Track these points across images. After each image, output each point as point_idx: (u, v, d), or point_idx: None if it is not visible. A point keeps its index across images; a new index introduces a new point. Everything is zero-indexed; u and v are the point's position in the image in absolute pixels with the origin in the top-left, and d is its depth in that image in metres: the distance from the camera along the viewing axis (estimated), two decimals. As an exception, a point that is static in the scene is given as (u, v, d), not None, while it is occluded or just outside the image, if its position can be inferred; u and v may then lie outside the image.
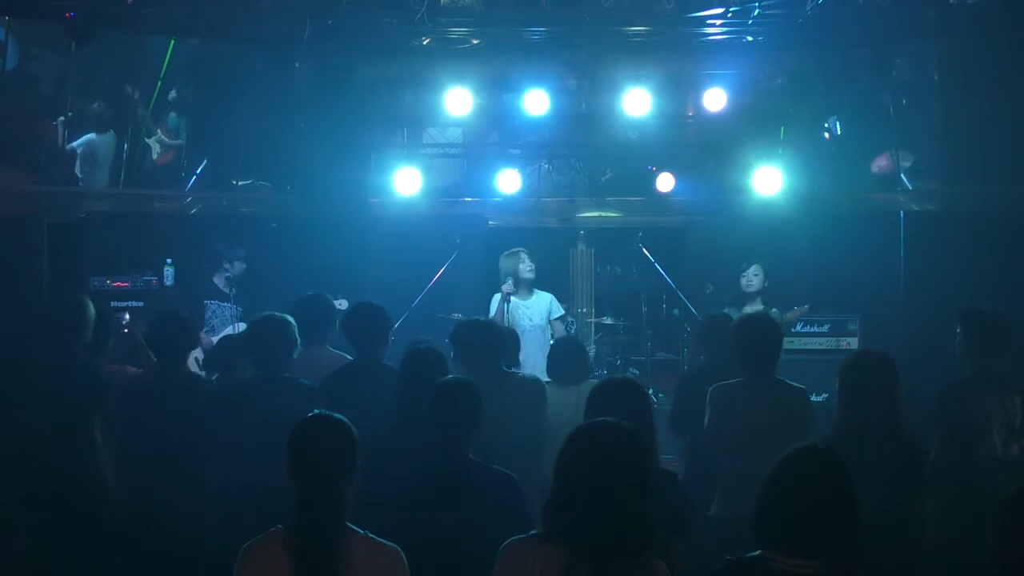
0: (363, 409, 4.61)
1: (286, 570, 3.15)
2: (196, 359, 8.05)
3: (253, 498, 4.70)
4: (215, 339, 8.10)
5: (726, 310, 7.91)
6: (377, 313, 5.57)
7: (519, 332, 7.87)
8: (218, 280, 8.35)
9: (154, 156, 9.83)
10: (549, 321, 8.31)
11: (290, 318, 5.49)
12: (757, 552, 2.83)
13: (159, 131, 9.79)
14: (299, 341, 5.48)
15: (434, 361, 4.80)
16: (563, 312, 8.43)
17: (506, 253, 8.33)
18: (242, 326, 7.99)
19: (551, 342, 8.62)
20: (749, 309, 7.94)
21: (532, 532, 3.18)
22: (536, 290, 8.35)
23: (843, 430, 4.54)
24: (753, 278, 8.14)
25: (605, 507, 2.98)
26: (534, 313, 8.25)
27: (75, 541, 4.90)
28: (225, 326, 8.17)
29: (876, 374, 4.61)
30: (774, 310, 7.88)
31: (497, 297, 8.27)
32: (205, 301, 8.27)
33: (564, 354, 6.22)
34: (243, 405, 5.27)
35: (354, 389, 5.21)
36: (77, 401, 5.13)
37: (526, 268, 8.21)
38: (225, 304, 8.26)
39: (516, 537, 3.22)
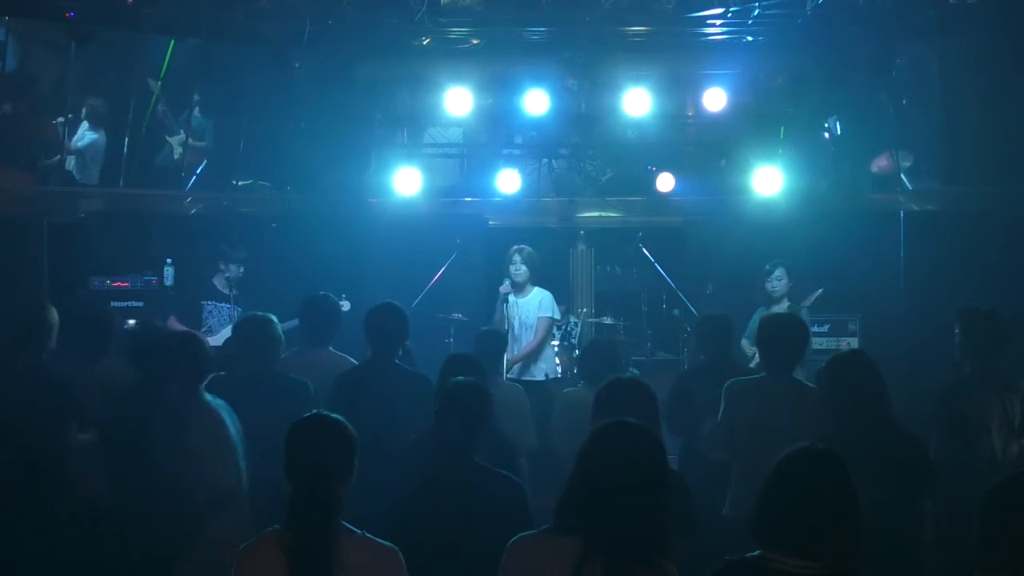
0: (376, 409, 4.64)
1: (281, 570, 3.15)
2: None
3: (252, 493, 4.71)
4: (212, 340, 8.10)
5: (759, 311, 7.90)
6: (398, 315, 5.59)
7: (513, 332, 7.90)
8: (217, 281, 8.34)
9: (175, 156, 9.84)
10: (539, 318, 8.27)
11: (272, 316, 5.54)
12: (757, 552, 2.83)
13: (182, 131, 9.79)
14: (282, 338, 5.53)
15: (472, 366, 4.86)
16: (550, 313, 8.25)
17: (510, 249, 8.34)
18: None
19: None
20: (777, 310, 7.94)
21: (543, 527, 3.18)
22: (536, 288, 8.29)
23: (833, 431, 4.55)
24: (777, 283, 8.12)
25: (625, 505, 2.99)
26: (525, 312, 8.22)
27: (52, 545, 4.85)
28: (223, 326, 8.17)
29: (854, 375, 4.61)
30: (803, 309, 7.90)
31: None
32: (202, 302, 8.26)
33: (590, 354, 6.23)
34: (237, 403, 5.27)
35: (368, 389, 5.23)
36: (39, 412, 5.00)
37: (515, 269, 8.20)
38: (223, 305, 8.25)
39: (525, 533, 3.23)
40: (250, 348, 5.50)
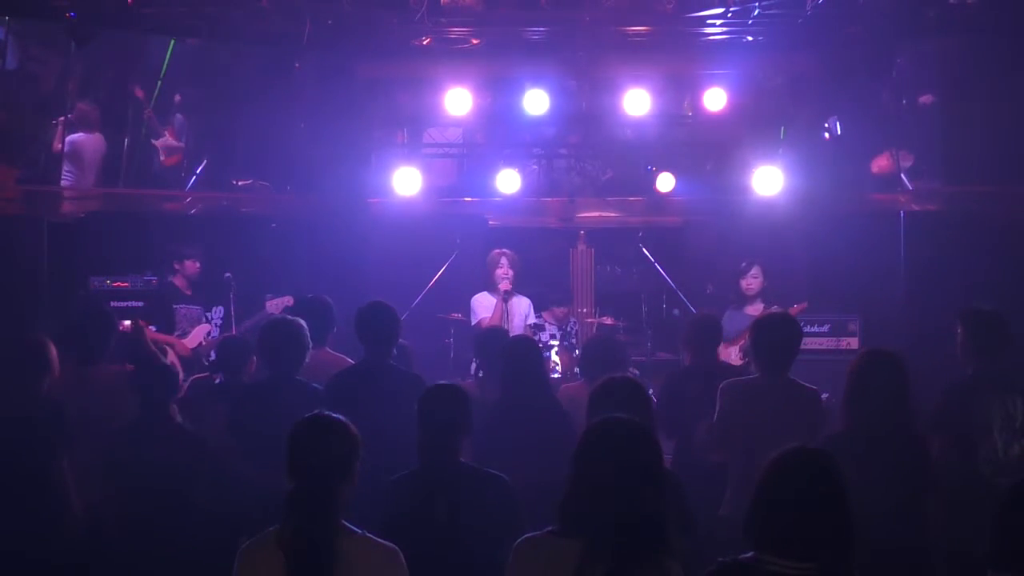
0: (369, 409, 4.63)
1: (281, 570, 3.15)
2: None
3: (262, 499, 4.67)
4: (187, 341, 8.04)
5: (728, 311, 7.94)
6: (388, 313, 5.56)
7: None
8: (177, 281, 8.28)
9: (161, 158, 9.83)
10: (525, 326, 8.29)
11: (302, 321, 5.45)
12: (750, 553, 2.83)
13: (166, 133, 9.77)
14: (311, 345, 5.46)
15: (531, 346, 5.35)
16: (538, 320, 8.38)
17: (492, 252, 8.34)
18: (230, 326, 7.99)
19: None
20: (751, 310, 7.96)
21: (547, 528, 3.18)
22: (517, 294, 8.34)
23: (851, 431, 4.54)
24: (753, 280, 8.17)
25: (623, 501, 2.98)
26: (515, 314, 8.25)
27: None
28: (194, 326, 8.11)
29: (882, 374, 4.61)
30: (774, 307, 7.90)
31: (480, 297, 8.30)
32: (174, 306, 8.19)
33: (591, 351, 6.21)
34: (254, 407, 5.26)
35: (363, 389, 5.23)
36: (37, 446, 4.86)
37: (502, 274, 8.22)
38: (193, 306, 8.19)
39: (530, 534, 3.22)
40: (276, 351, 5.38)
